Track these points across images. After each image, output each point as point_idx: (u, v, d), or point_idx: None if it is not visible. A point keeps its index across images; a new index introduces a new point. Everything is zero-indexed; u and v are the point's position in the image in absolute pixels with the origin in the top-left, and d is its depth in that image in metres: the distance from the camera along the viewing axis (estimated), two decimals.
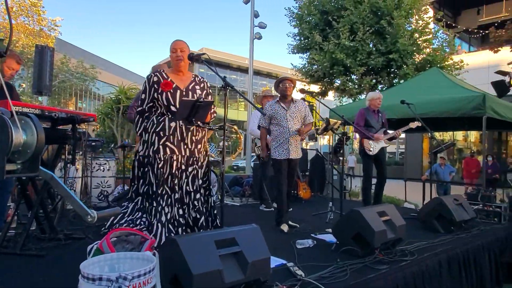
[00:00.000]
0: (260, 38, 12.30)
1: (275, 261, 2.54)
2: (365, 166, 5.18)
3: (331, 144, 6.82)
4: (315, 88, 13.19)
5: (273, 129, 4.19)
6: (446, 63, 11.36)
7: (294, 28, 12.96)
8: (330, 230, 3.58)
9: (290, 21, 13.00)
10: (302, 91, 4.37)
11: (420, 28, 11.38)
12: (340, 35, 10.98)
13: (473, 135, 18.02)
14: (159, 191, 2.85)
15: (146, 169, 2.96)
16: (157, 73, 3.01)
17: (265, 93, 5.67)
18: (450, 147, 8.22)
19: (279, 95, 4.26)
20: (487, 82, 11.25)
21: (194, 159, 3.02)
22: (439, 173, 8.83)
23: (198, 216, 2.99)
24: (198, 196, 3.01)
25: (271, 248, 2.17)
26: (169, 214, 2.85)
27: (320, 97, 13.36)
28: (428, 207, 4.05)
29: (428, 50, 11.51)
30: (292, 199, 6.60)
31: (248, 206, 5.86)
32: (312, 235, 3.61)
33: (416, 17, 11.55)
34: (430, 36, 11.97)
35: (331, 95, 13.74)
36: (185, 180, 2.95)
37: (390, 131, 5.28)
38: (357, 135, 5.28)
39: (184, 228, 2.92)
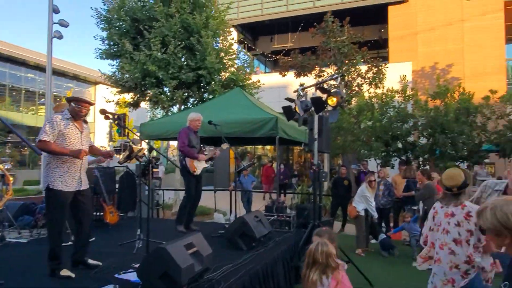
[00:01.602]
0: (60, 37, 10.78)
1: None
2: (188, 185, 5.20)
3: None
4: (127, 97, 12.50)
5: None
6: (247, 82, 12.72)
7: (102, 31, 11.94)
8: (137, 265, 3.33)
9: (97, 23, 11.90)
10: (102, 111, 3.93)
11: (225, 48, 12.36)
12: (151, 46, 10.76)
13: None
14: None
15: None
16: None
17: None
18: (250, 166, 9.24)
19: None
20: (278, 100, 13.22)
21: None
22: (243, 183, 9.73)
23: None
24: None
25: None
26: None
27: (132, 108, 12.74)
28: (233, 226, 4.34)
29: (232, 69, 12.62)
30: (97, 225, 5.95)
31: (42, 242, 4.62)
32: (116, 275, 3.27)
33: (222, 37, 12.50)
34: (234, 56, 13.16)
35: (143, 105, 13.31)
36: None
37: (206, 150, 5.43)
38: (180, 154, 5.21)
39: None
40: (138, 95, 12.11)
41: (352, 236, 7.19)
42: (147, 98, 12.08)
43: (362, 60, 13.43)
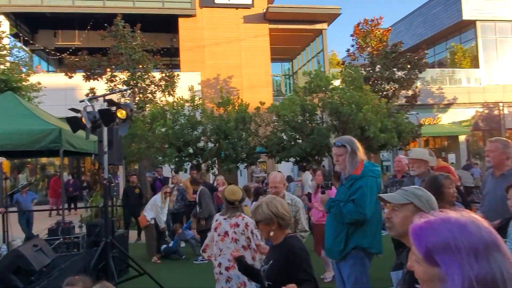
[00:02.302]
0: None
1: None
2: None
3: None
4: None
5: None
6: (23, 84, 10.99)
7: None
8: None
9: None
10: None
11: None
12: None
13: None
14: None
15: None
16: None
17: None
18: (26, 187, 8.18)
19: None
20: (65, 103, 11.95)
21: None
22: (21, 202, 8.40)
23: None
24: None
25: None
26: None
27: None
28: (5, 261, 3.80)
29: (2, 67, 10.64)
30: None
31: None
32: None
33: None
34: (5, 52, 11.14)
35: None
36: None
37: None
38: None
39: None
40: None
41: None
42: None
43: (155, 67, 13.72)
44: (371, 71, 15.04)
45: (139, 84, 12.95)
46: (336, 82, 12.64)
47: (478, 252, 0.84)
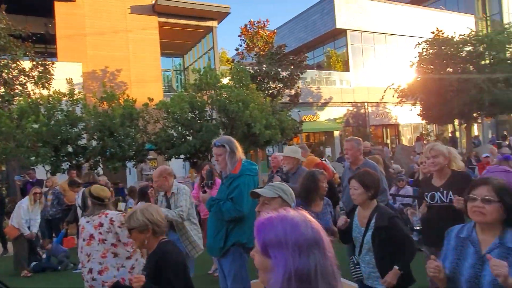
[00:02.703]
0: None
1: None
2: None
3: None
4: None
5: None
6: None
7: None
8: None
9: None
10: None
11: None
12: None
13: None
14: None
15: None
16: None
17: None
18: None
19: None
20: None
21: None
22: None
23: None
24: None
25: None
26: None
27: None
28: None
29: None
30: None
31: None
32: None
33: None
34: None
35: None
36: None
37: None
38: None
39: None
40: None
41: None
42: None
43: (25, 55, 12.12)
44: (258, 70, 15.87)
45: (3, 74, 11.32)
46: (225, 80, 13.01)
47: (302, 249, 0.95)
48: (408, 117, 22.59)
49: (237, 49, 17.10)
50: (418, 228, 3.74)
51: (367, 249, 2.72)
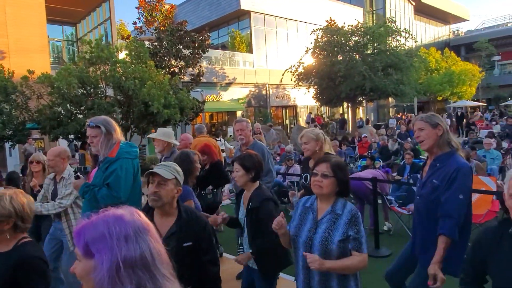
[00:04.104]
0: None
1: None
2: None
3: None
4: None
5: None
6: None
7: None
8: None
9: None
10: None
11: None
12: None
13: None
14: None
15: None
16: None
17: None
18: None
19: None
20: None
21: None
22: None
23: None
24: None
25: None
26: None
27: None
28: None
29: None
30: None
31: None
32: None
33: None
34: None
35: None
36: None
37: None
38: None
39: None
40: None
41: None
42: None
43: None
44: (157, 46, 15.26)
45: None
46: (121, 55, 12.25)
47: (129, 237, 0.93)
48: (305, 99, 24.22)
49: (134, 23, 16.13)
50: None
51: (246, 230, 2.79)
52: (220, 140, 12.66)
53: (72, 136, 10.92)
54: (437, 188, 2.42)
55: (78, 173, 3.01)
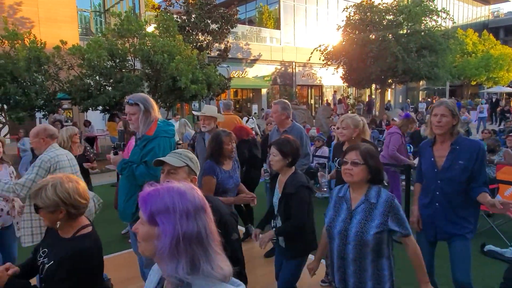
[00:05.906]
0: None
1: None
2: None
3: None
4: None
5: None
6: None
7: None
8: None
9: None
10: None
11: None
12: None
13: None
14: None
15: None
16: None
17: None
18: None
19: None
20: None
21: None
22: None
23: None
24: None
25: None
26: None
27: None
28: None
29: None
30: None
31: None
32: None
33: None
34: None
35: None
36: None
37: None
38: None
39: None
40: None
41: None
42: None
43: None
44: (186, 20, 15.02)
45: None
46: (150, 28, 12.12)
47: (190, 214, 1.03)
48: (331, 79, 23.61)
49: None
50: (325, 189, 4.00)
51: (279, 214, 2.80)
52: (252, 118, 12.50)
53: (100, 107, 11.01)
54: (466, 168, 2.61)
55: (116, 149, 2.96)
